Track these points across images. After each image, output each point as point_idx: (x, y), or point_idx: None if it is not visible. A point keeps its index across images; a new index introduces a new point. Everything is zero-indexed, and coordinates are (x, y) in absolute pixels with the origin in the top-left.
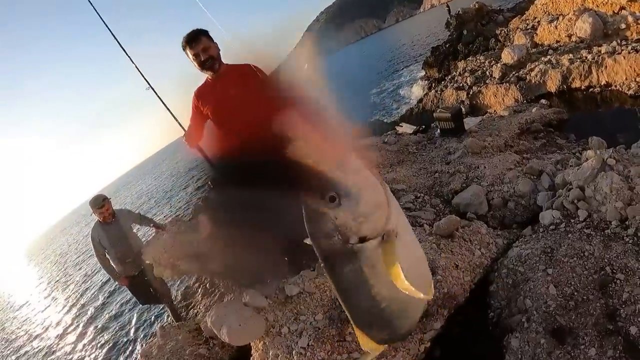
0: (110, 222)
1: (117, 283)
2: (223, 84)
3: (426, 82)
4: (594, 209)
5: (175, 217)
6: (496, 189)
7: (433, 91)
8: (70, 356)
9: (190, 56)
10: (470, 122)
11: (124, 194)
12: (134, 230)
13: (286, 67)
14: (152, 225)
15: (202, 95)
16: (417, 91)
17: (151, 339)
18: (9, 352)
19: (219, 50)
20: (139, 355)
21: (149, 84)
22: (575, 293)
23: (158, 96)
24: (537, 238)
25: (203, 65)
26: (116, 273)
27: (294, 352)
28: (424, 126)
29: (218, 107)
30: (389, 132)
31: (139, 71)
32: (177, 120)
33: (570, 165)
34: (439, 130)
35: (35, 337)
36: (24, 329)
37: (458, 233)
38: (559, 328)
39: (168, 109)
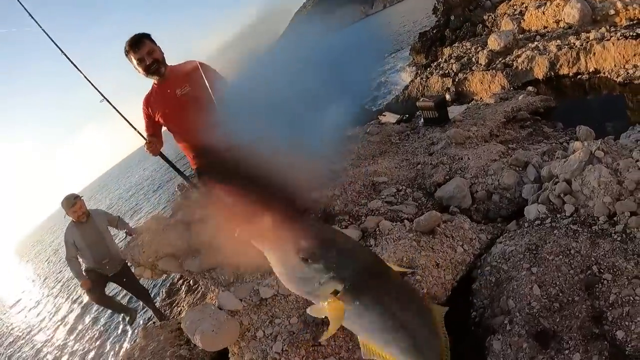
0: (84, 221)
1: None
2: (169, 87)
3: (414, 68)
4: (581, 203)
5: (154, 214)
6: (480, 181)
7: (419, 78)
8: (62, 351)
9: (135, 61)
10: (454, 111)
11: (113, 186)
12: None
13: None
14: (125, 230)
15: (150, 102)
16: (405, 78)
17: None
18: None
19: (163, 53)
20: (122, 358)
21: (102, 95)
22: (560, 294)
23: (115, 108)
24: (522, 234)
25: (148, 70)
26: (81, 274)
27: (268, 357)
28: (407, 115)
29: (167, 111)
30: (372, 122)
31: (92, 84)
32: (136, 130)
33: (557, 157)
34: (422, 120)
35: (26, 334)
36: (15, 325)
37: (439, 229)
38: (542, 331)
39: (126, 119)
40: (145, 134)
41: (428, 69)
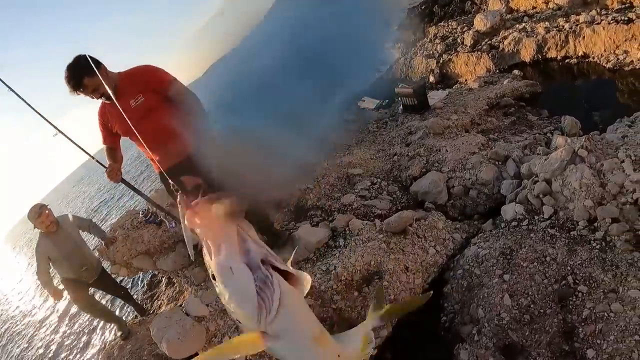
0: (54, 231)
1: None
2: (122, 100)
3: (402, 45)
4: (561, 205)
5: (129, 211)
6: (457, 176)
7: (403, 58)
8: (51, 341)
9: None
10: (435, 97)
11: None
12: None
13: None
14: (100, 237)
15: (105, 115)
16: (393, 57)
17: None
18: None
19: (106, 75)
20: (102, 356)
21: (56, 128)
22: (532, 305)
23: (71, 140)
24: (497, 235)
25: (99, 99)
26: (52, 289)
27: None
28: (387, 100)
29: (124, 124)
30: (350, 108)
31: (44, 118)
32: (94, 158)
33: (538, 154)
34: (401, 107)
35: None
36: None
37: (412, 228)
38: (510, 345)
39: (85, 151)
40: (104, 151)
41: (412, 49)
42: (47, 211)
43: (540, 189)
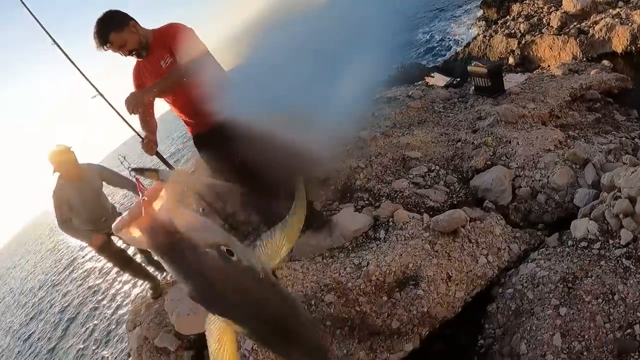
0: (76, 177)
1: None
2: (154, 59)
3: (483, 23)
4: None
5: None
6: (526, 175)
7: (481, 36)
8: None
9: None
10: (512, 80)
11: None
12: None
13: None
14: (131, 188)
15: (139, 77)
16: (473, 33)
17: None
18: None
19: (136, 32)
20: (129, 312)
21: (97, 90)
22: (585, 353)
23: (109, 103)
24: (562, 255)
25: (130, 56)
26: (86, 233)
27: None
28: (458, 79)
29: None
30: (418, 83)
31: (85, 77)
32: (131, 127)
33: (624, 163)
34: (473, 87)
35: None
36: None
37: (464, 230)
38: None
39: (121, 115)
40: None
41: (493, 27)
42: (69, 152)
43: (621, 207)
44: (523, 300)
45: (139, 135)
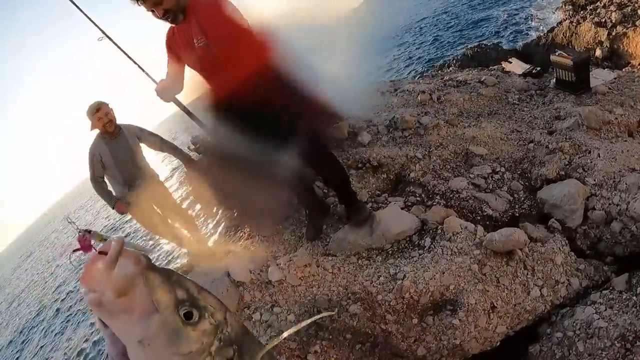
0: (112, 133)
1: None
2: (189, 32)
3: (570, 7)
4: None
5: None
6: (603, 195)
7: (568, 21)
8: None
9: (146, 10)
10: (599, 77)
11: None
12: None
13: None
14: (177, 155)
15: (172, 44)
16: (558, 17)
17: None
18: None
19: None
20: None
21: (103, 32)
22: None
23: (117, 46)
24: (627, 305)
25: (163, 19)
26: (113, 198)
27: None
28: (539, 68)
29: (187, 60)
30: (494, 67)
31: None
32: (143, 70)
33: None
34: (554, 80)
35: None
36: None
37: (520, 254)
38: None
39: (131, 59)
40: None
41: (581, 12)
42: (106, 107)
43: None
44: (571, 351)
45: (153, 80)
